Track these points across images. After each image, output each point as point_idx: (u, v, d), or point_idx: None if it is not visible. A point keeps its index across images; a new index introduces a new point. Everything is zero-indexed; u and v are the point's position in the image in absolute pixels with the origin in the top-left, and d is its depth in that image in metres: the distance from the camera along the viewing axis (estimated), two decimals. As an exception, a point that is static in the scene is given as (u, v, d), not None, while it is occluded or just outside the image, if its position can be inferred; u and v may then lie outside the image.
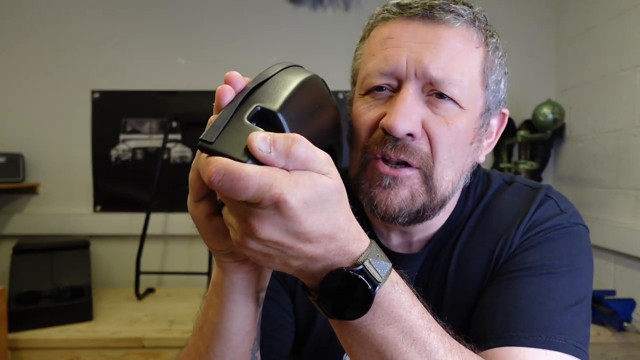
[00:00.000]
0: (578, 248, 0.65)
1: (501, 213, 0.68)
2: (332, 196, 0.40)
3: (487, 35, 0.65)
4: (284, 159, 0.38)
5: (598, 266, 1.93)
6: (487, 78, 0.65)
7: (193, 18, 2.22)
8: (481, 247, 0.67)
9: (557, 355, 0.56)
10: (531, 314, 0.58)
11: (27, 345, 1.58)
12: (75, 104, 2.19)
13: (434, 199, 0.63)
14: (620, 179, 1.81)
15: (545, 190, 0.70)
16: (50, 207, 2.20)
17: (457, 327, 0.56)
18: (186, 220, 2.41)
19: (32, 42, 2.18)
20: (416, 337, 0.45)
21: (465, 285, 0.66)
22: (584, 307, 0.62)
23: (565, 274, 0.62)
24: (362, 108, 0.64)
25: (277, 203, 0.37)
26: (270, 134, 0.38)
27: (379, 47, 0.63)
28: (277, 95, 0.42)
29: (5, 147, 2.13)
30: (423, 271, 0.70)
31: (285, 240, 0.39)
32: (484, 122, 0.66)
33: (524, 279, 0.61)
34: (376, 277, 0.42)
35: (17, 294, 1.67)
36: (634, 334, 1.58)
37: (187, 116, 2.19)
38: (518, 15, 2.25)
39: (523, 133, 2.05)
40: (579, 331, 0.59)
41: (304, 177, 0.38)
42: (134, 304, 1.94)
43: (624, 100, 1.79)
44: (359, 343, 0.46)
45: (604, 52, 1.91)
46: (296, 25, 2.22)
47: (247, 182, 0.35)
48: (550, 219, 0.66)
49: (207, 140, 0.37)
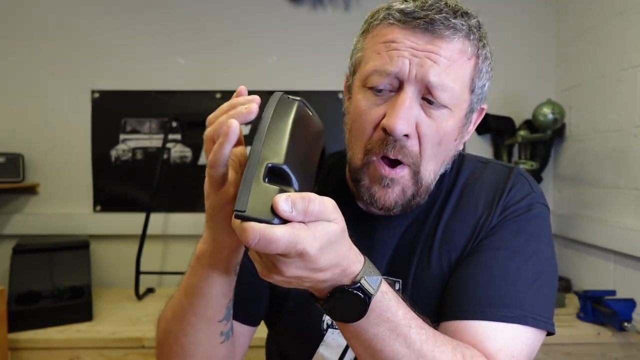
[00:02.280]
0: (542, 228, 0.77)
1: (482, 190, 0.79)
2: (338, 237, 0.50)
3: (480, 46, 0.73)
4: (302, 216, 0.47)
5: (598, 266, 1.94)
6: (474, 84, 0.73)
7: (193, 18, 2.22)
8: (466, 218, 0.78)
9: (518, 327, 0.68)
10: (501, 292, 0.69)
11: (27, 345, 1.58)
12: (75, 104, 2.19)
13: (420, 188, 0.74)
14: (621, 179, 1.81)
15: (517, 170, 0.81)
16: (50, 207, 2.20)
17: (440, 283, 0.75)
18: (186, 220, 2.41)
19: (32, 42, 2.18)
20: (400, 332, 0.58)
21: (449, 249, 0.77)
22: (545, 282, 0.72)
23: (532, 255, 0.73)
24: (364, 104, 0.72)
25: (300, 254, 0.48)
26: (290, 196, 0.47)
27: (384, 48, 0.70)
28: (279, 148, 0.52)
29: (5, 147, 2.13)
30: (410, 231, 0.80)
31: (303, 274, 0.51)
32: (467, 120, 0.76)
33: (497, 258, 0.72)
34: (370, 290, 0.54)
35: (17, 294, 1.67)
36: (634, 334, 1.58)
37: (187, 116, 2.19)
38: (518, 15, 2.25)
39: (523, 133, 2.05)
40: (538, 304, 0.70)
41: (319, 230, 0.48)
42: (133, 304, 1.94)
43: (624, 100, 1.79)
44: (356, 338, 0.59)
45: (604, 52, 1.91)
46: (296, 25, 2.23)
47: (278, 243, 0.46)
48: (523, 199, 0.77)
49: (240, 210, 0.47)
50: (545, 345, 1.60)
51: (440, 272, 0.76)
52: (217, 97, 2.20)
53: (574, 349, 1.61)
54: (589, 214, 1.99)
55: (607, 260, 1.88)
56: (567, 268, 2.15)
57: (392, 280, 0.79)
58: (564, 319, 1.75)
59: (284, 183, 0.50)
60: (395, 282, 0.79)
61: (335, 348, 0.82)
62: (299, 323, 0.83)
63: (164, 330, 0.72)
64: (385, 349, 0.58)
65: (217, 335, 0.70)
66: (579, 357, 1.61)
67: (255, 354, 1.60)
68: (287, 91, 0.62)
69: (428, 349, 0.59)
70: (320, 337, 0.82)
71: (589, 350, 1.61)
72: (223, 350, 0.72)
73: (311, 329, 0.82)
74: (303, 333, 0.83)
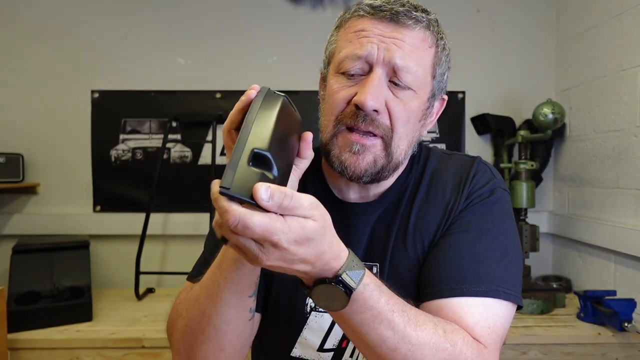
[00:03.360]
0: (505, 211, 0.83)
1: (448, 178, 0.86)
2: (316, 234, 0.54)
3: (438, 37, 0.82)
4: (277, 208, 0.51)
5: (598, 266, 1.93)
6: (435, 70, 0.82)
7: (193, 18, 2.22)
8: (435, 205, 0.84)
9: (491, 301, 0.74)
10: (473, 269, 0.75)
11: (27, 346, 1.58)
12: (75, 104, 2.19)
13: (390, 162, 0.79)
14: (621, 179, 1.81)
15: (479, 159, 0.88)
16: (50, 207, 2.20)
17: (415, 266, 0.81)
18: (186, 220, 2.41)
19: (32, 42, 2.18)
20: (383, 318, 0.62)
21: (422, 234, 0.83)
22: (512, 260, 0.79)
23: (498, 235, 0.79)
24: (337, 86, 0.79)
25: (274, 245, 0.52)
26: (270, 186, 0.50)
27: (355, 37, 0.79)
28: (264, 135, 0.57)
29: (5, 147, 2.13)
30: (384, 217, 0.86)
31: (283, 265, 0.55)
32: (430, 104, 0.83)
33: (468, 239, 0.78)
34: (351, 284, 0.59)
35: (17, 294, 1.67)
36: (635, 334, 1.58)
37: (187, 116, 2.19)
38: (518, 15, 2.25)
39: (523, 133, 2.05)
40: (508, 280, 0.76)
41: (295, 224, 0.52)
42: (133, 304, 1.94)
43: (624, 100, 1.79)
44: (344, 323, 0.64)
45: (604, 52, 1.91)
46: (296, 25, 2.22)
47: (254, 229, 0.50)
48: (486, 184, 0.84)
49: (225, 187, 0.50)
50: (545, 345, 1.61)
51: (415, 256, 0.82)
52: (217, 97, 2.20)
53: (574, 349, 1.61)
54: (589, 214, 1.99)
55: (607, 260, 1.88)
56: (567, 268, 2.15)
57: (370, 265, 0.83)
58: (564, 319, 1.75)
59: (266, 168, 0.55)
60: (373, 266, 0.84)
61: (318, 331, 0.85)
62: (283, 307, 0.87)
63: (200, 313, 0.74)
64: (371, 332, 0.63)
65: (246, 312, 0.75)
66: (579, 357, 1.61)
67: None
68: (286, 91, 0.65)
69: (411, 329, 0.64)
70: (303, 320, 0.86)
71: (589, 350, 1.61)
72: (249, 329, 0.78)
73: (295, 311, 0.86)
74: (287, 316, 0.86)
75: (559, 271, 2.21)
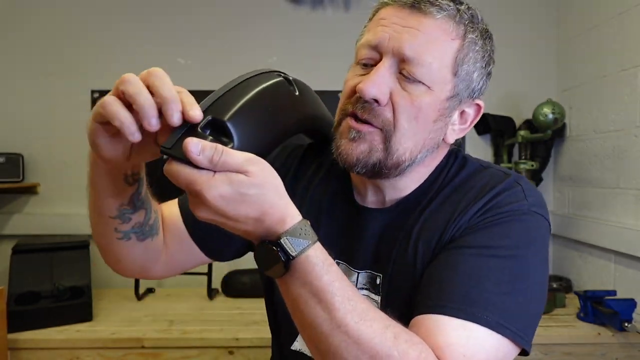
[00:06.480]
0: (528, 236, 0.71)
1: (470, 190, 0.75)
2: (250, 190, 0.53)
3: (467, 30, 0.73)
4: (208, 163, 0.51)
5: (598, 266, 1.93)
6: (458, 67, 0.73)
7: (193, 18, 2.22)
8: (443, 217, 0.75)
9: (477, 328, 0.63)
10: (463, 289, 0.65)
11: (27, 346, 1.57)
12: (75, 104, 2.19)
13: (388, 158, 0.73)
14: (621, 179, 1.81)
15: (516, 177, 0.76)
16: (50, 207, 2.19)
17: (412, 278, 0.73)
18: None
19: (32, 42, 2.18)
20: (322, 298, 0.58)
21: (424, 244, 0.75)
22: (521, 291, 0.67)
23: (508, 258, 0.68)
24: (350, 75, 0.77)
25: (197, 196, 0.52)
26: (201, 142, 0.51)
27: (374, 26, 0.75)
28: (231, 105, 0.56)
29: (5, 147, 2.13)
30: (393, 223, 0.79)
31: (217, 219, 0.54)
32: (452, 105, 0.75)
33: (466, 256, 0.69)
34: (290, 252, 0.56)
35: (17, 294, 1.67)
36: (635, 334, 1.58)
37: (187, 116, 2.18)
38: (518, 15, 2.24)
39: (523, 133, 2.05)
40: (509, 311, 0.65)
41: (222, 178, 0.52)
42: (133, 304, 1.94)
43: (624, 100, 1.79)
44: (284, 294, 0.61)
45: (604, 52, 1.91)
46: (296, 25, 2.22)
47: (177, 177, 0.53)
48: (511, 203, 0.72)
49: (166, 147, 0.53)
50: (545, 345, 1.61)
51: (413, 267, 0.74)
52: (217, 97, 2.20)
53: (574, 349, 1.61)
54: (589, 214, 1.99)
55: (607, 260, 1.88)
56: (567, 268, 2.15)
57: (374, 275, 0.78)
58: (564, 319, 1.75)
59: (223, 137, 0.55)
60: (377, 277, 0.78)
61: None
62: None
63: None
64: (306, 310, 0.59)
65: (112, 231, 0.77)
66: (579, 357, 1.61)
67: (258, 354, 1.60)
68: None
69: (352, 320, 0.58)
70: None
71: (589, 350, 1.61)
72: (124, 249, 0.78)
73: None
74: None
75: (559, 271, 2.21)
